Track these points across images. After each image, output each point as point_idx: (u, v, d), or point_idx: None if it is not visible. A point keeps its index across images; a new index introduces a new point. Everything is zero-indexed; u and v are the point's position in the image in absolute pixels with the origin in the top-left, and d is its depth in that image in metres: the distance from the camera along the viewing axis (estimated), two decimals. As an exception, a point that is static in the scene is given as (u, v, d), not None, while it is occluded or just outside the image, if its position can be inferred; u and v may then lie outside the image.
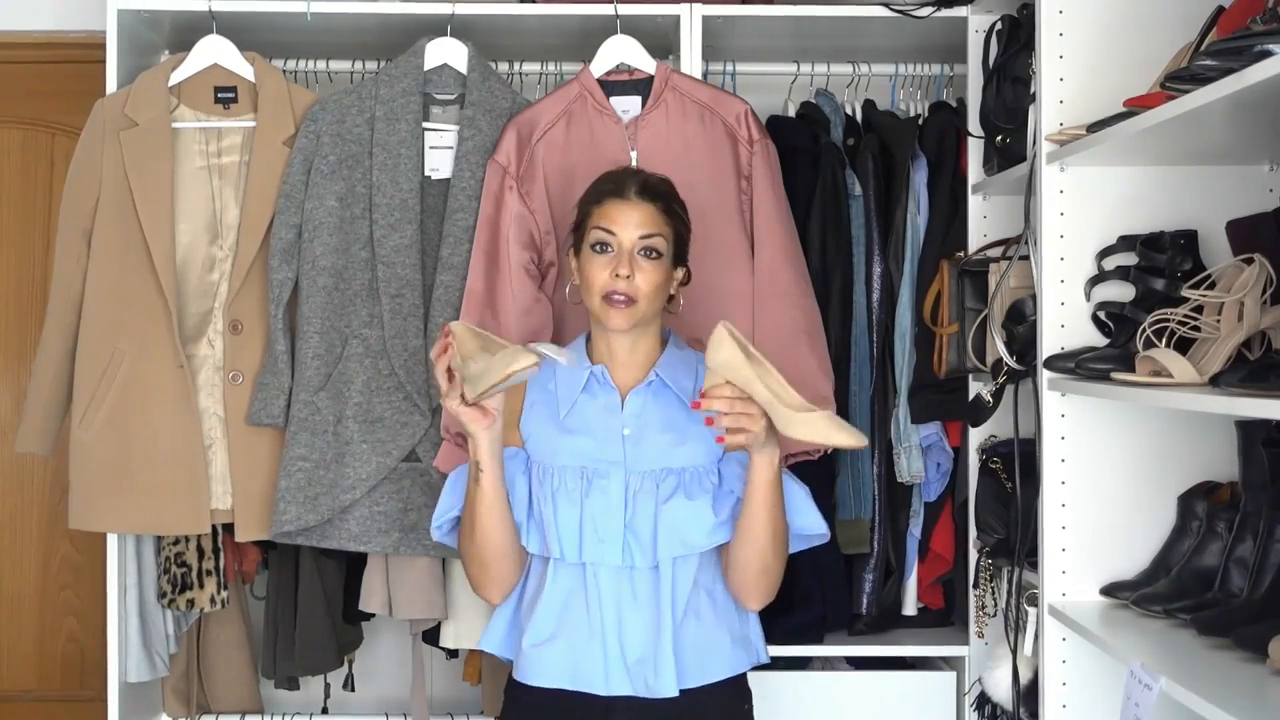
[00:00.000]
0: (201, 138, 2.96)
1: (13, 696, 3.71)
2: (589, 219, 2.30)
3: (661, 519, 2.24)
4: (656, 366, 2.32)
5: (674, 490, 2.26)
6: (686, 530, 2.25)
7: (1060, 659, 2.41)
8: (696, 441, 2.29)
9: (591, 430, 2.29)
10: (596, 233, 2.27)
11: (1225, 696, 1.82)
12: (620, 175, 2.35)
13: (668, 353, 2.35)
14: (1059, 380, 2.38)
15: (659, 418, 2.30)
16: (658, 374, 2.32)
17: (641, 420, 2.30)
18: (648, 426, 2.29)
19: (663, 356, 2.34)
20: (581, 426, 2.30)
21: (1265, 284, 2.13)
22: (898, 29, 3.08)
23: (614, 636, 2.25)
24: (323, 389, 2.87)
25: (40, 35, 3.64)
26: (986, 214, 2.99)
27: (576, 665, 2.26)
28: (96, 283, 2.91)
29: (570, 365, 2.25)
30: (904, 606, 3.19)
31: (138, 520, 2.92)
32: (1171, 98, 1.93)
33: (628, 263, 2.24)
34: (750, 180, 2.88)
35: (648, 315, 2.28)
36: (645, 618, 2.26)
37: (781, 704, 3.07)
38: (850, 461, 3.08)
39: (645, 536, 2.25)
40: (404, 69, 2.95)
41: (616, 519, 2.24)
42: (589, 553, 2.24)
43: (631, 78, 2.94)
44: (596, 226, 2.27)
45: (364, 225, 2.90)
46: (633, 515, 2.25)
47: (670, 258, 2.30)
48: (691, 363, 2.36)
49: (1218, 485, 2.38)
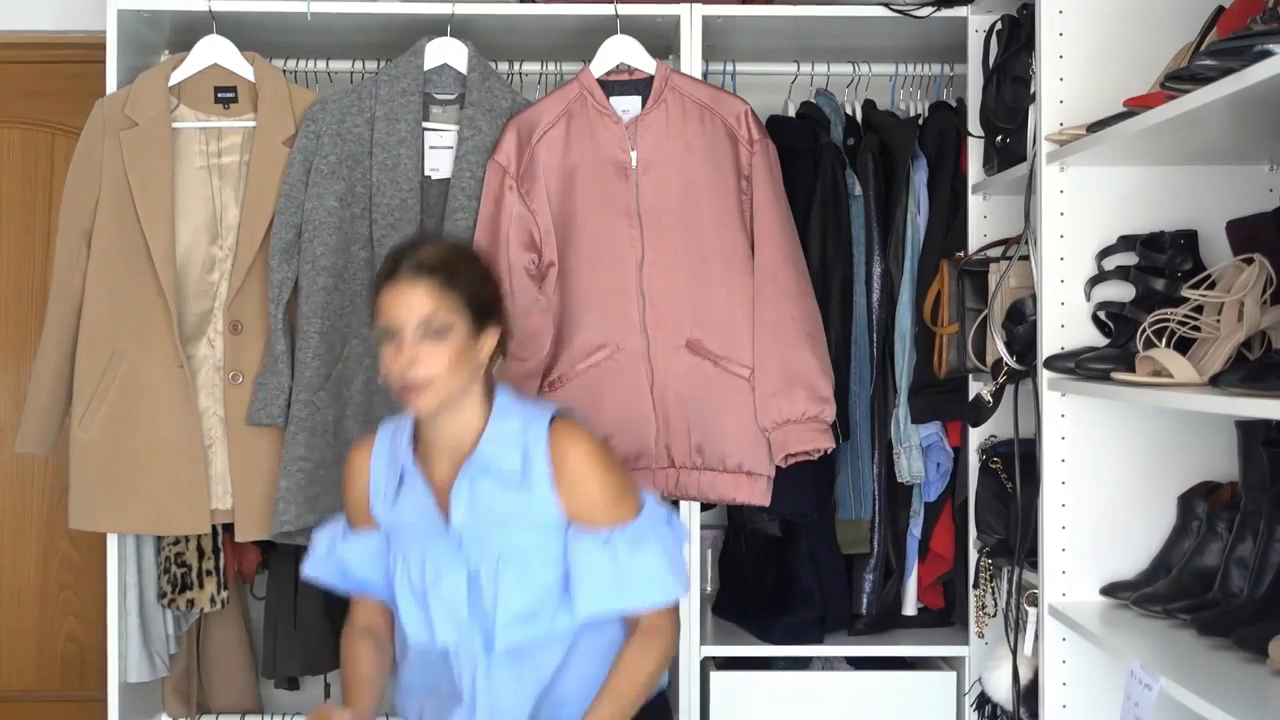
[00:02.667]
0: (201, 137, 2.96)
1: (13, 696, 3.71)
2: (375, 307, 2.18)
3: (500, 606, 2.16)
4: (479, 446, 2.19)
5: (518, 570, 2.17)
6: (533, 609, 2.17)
7: (1060, 659, 2.41)
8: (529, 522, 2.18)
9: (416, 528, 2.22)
10: (379, 325, 2.16)
11: (1225, 696, 1.82)
12: (396, 254, 2.19)
13: (492, 424, 2.20)
14: (1059, 380, 2.38)
15: (486, 505, 2.18)
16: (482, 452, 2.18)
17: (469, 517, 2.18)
18: (475, 518, 2.18)
19: (487, 429, 2.20)
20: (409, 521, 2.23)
21: (1265, 284, 2.13)
22: (898, 29, 3.08)
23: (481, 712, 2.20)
24: (322, 389, 2.87)
25: (40, 35, 3.64)
26: (986, 214, 2.99)
27: None
28: (96, 283, 2.91)
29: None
30: (904, 606, 3.19)
31: (138, 520, 2.92)
32: (1171, 98, 1.93)
33: (407, 350, 2.11)
34: (750, 180, 2.88)
35: (453, 393, 2.15)
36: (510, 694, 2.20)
37: (782, 704, 3.07)
38: (850, 461, 3.08)
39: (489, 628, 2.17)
40: (404, 69, 2.95)
41: (460, 610, 2.18)
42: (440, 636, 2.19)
43: (631, 78, 2.94)
44: (378, 319, 2.15)
45: (364, 225, 2.90)
46: (475, 604, 2.18)
47: (468, 327, 2.15)
48: (515, 426, 2.20)
49: (1218, 485, 2.38)
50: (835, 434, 2.89)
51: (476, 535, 2.18)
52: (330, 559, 2.33)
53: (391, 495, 2.26)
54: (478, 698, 2.20)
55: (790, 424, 2.83)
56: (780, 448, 2.83)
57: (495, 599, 2.16)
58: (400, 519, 2.25)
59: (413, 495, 2.23)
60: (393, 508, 2.25)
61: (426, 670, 2.26)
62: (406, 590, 2.22)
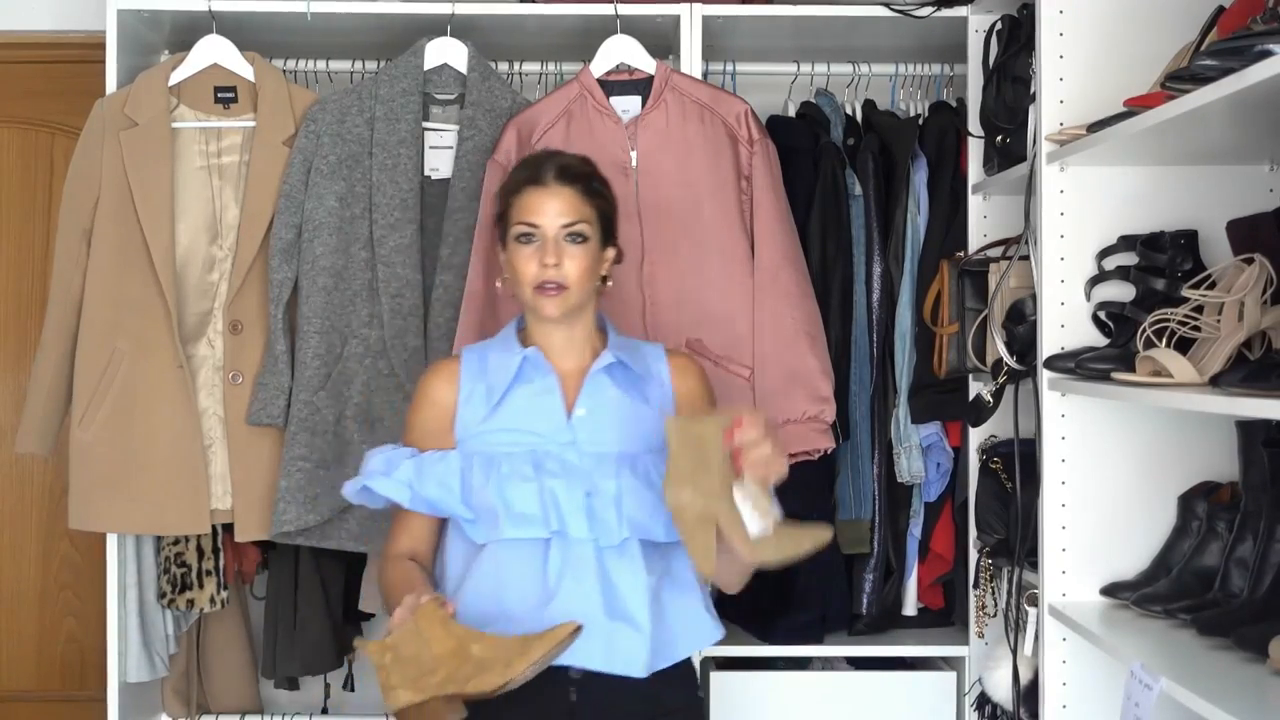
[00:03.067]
0: (201, 138, 2.96)
1: (13, 696, 3.71)
2: (511, 210, 2.25)
3: (624, 501, 2.17)
4: (611, 348, 2.29)
5: (632, 474, 2.19)
6: (645, 518, 2.18)
7: (1060, 659, 2.41)
8: (648, 426, 2.24)
9: (530, 413, 2.23)
10: (519, 226, 2.22)
11: (1225, 696, 1.82)
12: (537, 160, 2.29)
13: (613, 337, 2.31)
14: (1059, 380, 2.38)
15: (616, 399, 2.25)
16: (616, 356, 2.27)
17: (598, 400, 2.24)
18: (604, 406, 2.24)
19: (611, 339, 2.30)
20: (519, 412, 2.24)
21: (1265, 284, 2.13)
22: (898, 29, 3.08)
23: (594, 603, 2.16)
24: (322, 389, 2.87)
25: (40, 35, 3.64)
26: (986, 214, 2.99)
27: None
28: (96, 282, 2.91)
29: None
30: (904, 606, 3.19)
31: (137, 520, 2.92)
32: (1171, 98, 1.93)
33: (553, 251, 2.20)
34: (750, 180, 2.88)
35: (580, 300, 2.23)
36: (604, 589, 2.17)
37: (782, 704, 3.07)
38: (850, 462, 3.08)
39: (607, 515, 2.17)
40: (404, 69, 2.95)
41: (578, 493, 2.17)
42: (552, 525, 2.16)
43: (631, 78, 2.94)
44: (520, 221, 2.23)
45: (364, 225, 2.90)
46: (593, 492, 2.17)
47: (598, 239, 2.25)
48: (634, 346, 2.34)
49: (1218, 485, 2.38)
50: (835, 434, 2.89)
51: (597, 431, 2.21)
52: (393, 476, 2.25)
53: (490, 405, 2.25)
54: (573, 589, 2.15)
55: (790, 424, 2.83)
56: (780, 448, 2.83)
57: (618, 493, 2.17)
58: (504, 423, 2.23)
59: (530, 384, 2.25)
60: (492, 414, 2.24)
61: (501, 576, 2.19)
62: (514, 480, 2.18)
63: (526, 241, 2.21)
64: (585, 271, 2.22)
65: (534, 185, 2.23)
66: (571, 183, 2.24)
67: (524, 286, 2.22)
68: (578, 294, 2.22)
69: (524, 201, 2.23)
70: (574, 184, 2.24)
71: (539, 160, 2.29)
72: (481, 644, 1.98)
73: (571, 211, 2.22)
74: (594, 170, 2.31)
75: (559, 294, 2.20)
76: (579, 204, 2.23)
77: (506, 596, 2.17)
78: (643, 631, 2.17)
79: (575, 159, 2.31)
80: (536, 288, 2.20)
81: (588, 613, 2.12)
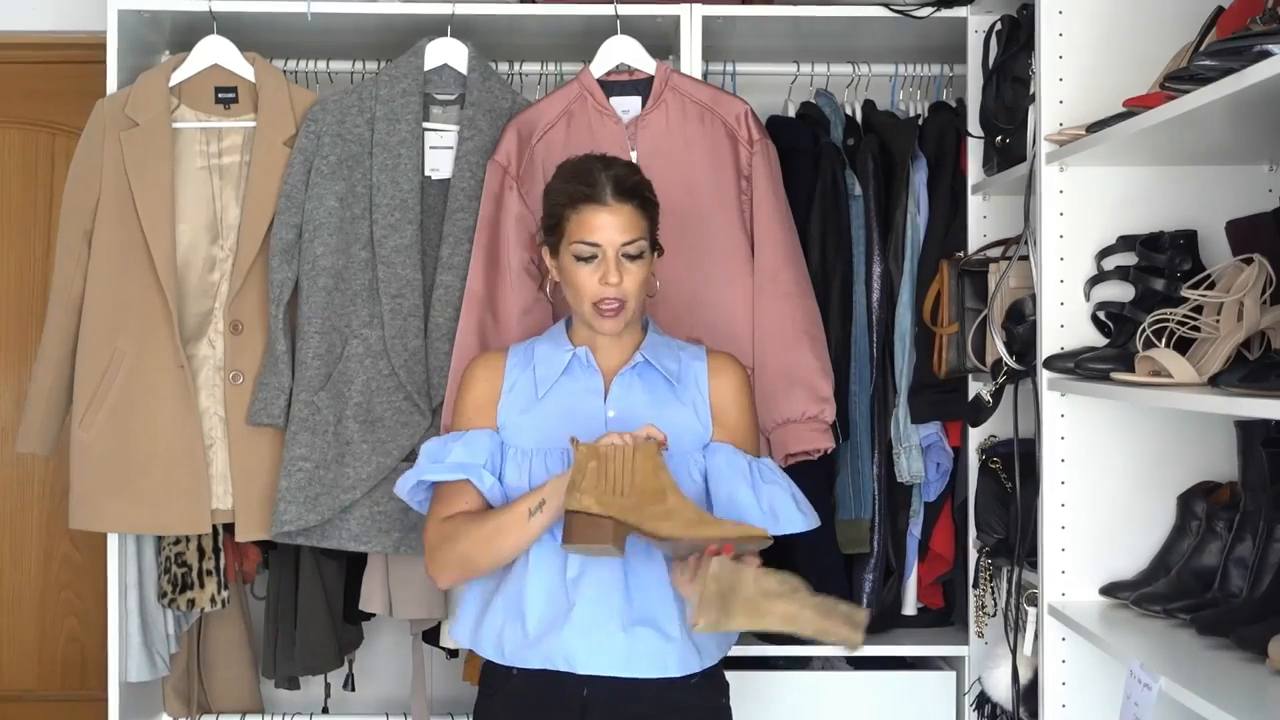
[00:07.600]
0: (202, 138, 2.97)
1: (13, 696, 3.71)
2: (567, 224, 2.26)
3: None
4: (642, 349, 2.32)
5: None
6: None
7: (1060, 659, 2.42)
8: (681, 427, 2.27)
9: (572, 412, 2.27)
10: (579, 246, 2.24)
11: (1225, 696, 1.82)
12: (589, 172, 2.28)
13: (650, 337, 2.35)
14: (1059, 380, 2.38)
15: (645, 400, 2.29)
16: (644, 356, 2.31)
17: (626, 402, 2.29)
18: (633, 408, 2.28)
19: (646, 339, 2.34)
20: (561, 409, 2.28)
21: (1265, 284, 2.13)
22: (898, 29, 3.08)
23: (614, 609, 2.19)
24: (323, 389, 2.87)
25: (40, 35, 3.64)
26: (986, 214, 2.99)
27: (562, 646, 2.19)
28: (97, 283, 2.91)
29: None
30: (904, 606, 3.19)
31: (138, 520, 2.92)
32: (1171, 98, 1.93)
33: (615, 270, 2.23)
34: (750, 180, 2.88)
35: (637, 310, 2.29)
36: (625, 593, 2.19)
37: (782, 704, 3.07)
38: (850, 462, 3.09)
39: None
40: (404, 69, 2.95)
41: None
42: None
43: (631, 78, 2.94)
44: (579, 240, 2.24)
45: (364, 225, 2.90)
46: None
47: (650, 249, 2.30)
48: (673, 346, 2.37)
49: (1217, 485, 2.38)
50: (835, 434, 2.89)
51: (631, 425, 2.23)
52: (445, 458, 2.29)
53: (534, 396, 2.29)
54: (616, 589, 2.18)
55: (790, 424, 2.83)
56: (780, 448, 2.83)
57: None
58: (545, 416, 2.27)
59: (576, 382, 2.29)
60: (534, 406, 2.29)
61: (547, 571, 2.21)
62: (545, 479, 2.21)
63: (587, 260, 2.24)
64: (642, 284, 2.28)
65: (593, 204, 2.24)
66: (629, 199, 2.26)
67: (583, 302, 2.25)
68: (635, 306, 2.27)
69: (584, 219, 2.24)
70: (631, 200, 2.26)
71: (591, 171, 2.28)
72: (678, 499, 2.08)
73: (631, 229, 2.24)
74: (643, 179, 2.33)
75: (620, 311, 2.24)
76: (637, 220, 2.26)
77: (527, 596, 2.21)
78: (668, 637, 2.20)
79: (625, 168, 2.31)
80: (596, 304, 2.24)
81: (608, 616, 2.17)
